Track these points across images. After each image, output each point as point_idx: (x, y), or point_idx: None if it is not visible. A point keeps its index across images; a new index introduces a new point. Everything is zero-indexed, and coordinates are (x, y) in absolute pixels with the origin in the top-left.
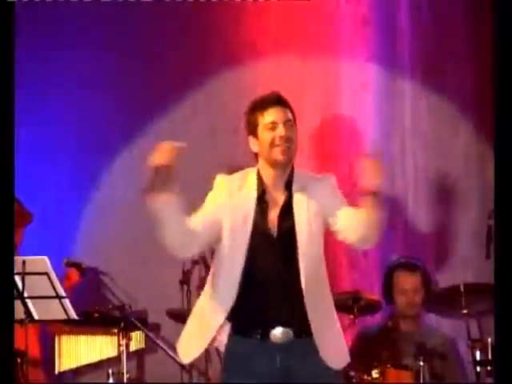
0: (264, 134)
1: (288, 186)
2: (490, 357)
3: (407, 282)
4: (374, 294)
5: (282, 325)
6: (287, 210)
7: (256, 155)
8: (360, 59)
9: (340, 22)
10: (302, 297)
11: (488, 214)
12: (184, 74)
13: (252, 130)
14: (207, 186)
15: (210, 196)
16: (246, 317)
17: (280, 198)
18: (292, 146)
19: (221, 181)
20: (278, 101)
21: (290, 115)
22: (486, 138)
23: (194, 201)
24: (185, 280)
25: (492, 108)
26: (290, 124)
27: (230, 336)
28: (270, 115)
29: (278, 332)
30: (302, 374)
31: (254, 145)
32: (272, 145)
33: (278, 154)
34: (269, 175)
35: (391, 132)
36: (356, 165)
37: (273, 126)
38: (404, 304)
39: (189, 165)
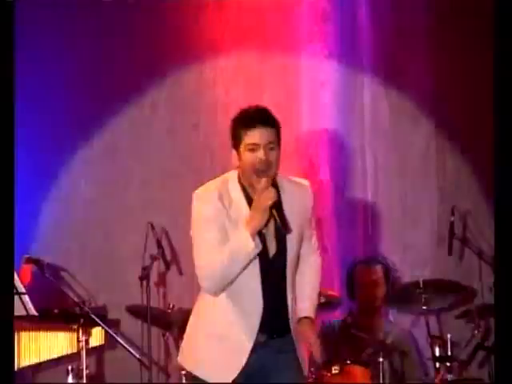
0: (245, 155)
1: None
2: (449, 353)
3: (367, 276)
4: (334, 290)
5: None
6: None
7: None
8: (320, 56)
9: (300, 19)
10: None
11: (450, 211)
12: (144, 71)
13: (234, 145)
14: (166, 182)
15: (203, 222)
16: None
17: None
18: (271, 170)
19: (203, 197)
20: (263, 120)
21: (273, 137)
22: (445, 135)
23: (152, 197)
24: (144, 276)
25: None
26: (271, 147)
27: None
28: (252, 136)
29: None
30: (275, 368)
31: (235, 160)
32: (251, 167)
33: (255, 180)
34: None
35: (351, 129)
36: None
37: (254, 148)
38: (364, 298)
39: (149, 161)
